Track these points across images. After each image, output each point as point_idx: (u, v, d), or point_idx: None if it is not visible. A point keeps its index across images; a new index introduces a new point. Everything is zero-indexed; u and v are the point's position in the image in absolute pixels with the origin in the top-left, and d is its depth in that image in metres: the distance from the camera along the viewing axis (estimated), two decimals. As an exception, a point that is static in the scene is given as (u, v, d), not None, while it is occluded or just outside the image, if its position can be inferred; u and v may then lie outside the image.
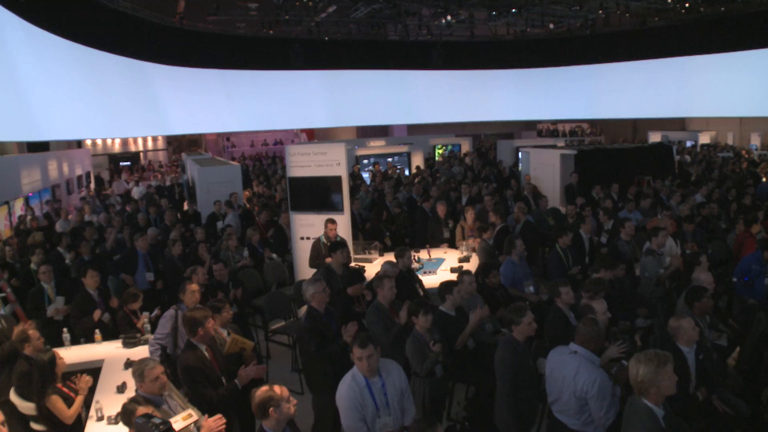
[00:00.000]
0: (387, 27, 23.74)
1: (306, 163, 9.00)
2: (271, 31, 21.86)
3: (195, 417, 4.15)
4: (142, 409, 4.13)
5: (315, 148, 9.17)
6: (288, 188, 9.40)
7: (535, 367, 4.98)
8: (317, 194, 9.09)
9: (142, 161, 30.36)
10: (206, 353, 5.00)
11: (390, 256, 8.10)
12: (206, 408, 4.67)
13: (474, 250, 8.93)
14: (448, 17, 20.54)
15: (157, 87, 19.95)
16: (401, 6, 19.96)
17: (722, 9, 20.90)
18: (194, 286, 6.20)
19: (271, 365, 7.74)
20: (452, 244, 9.77)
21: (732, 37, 21.05)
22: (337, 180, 8.89)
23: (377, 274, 6.58)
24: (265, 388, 3.83)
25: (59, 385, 5.12)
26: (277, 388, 3.82)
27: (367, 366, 4.25)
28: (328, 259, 8.05)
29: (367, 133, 29.25)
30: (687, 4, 20.28)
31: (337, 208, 8.94)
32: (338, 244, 7.40)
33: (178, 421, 4.09)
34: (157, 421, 3.77)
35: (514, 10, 20.62)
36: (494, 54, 25.48)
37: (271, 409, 3.76)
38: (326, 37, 22.67)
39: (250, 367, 4.95)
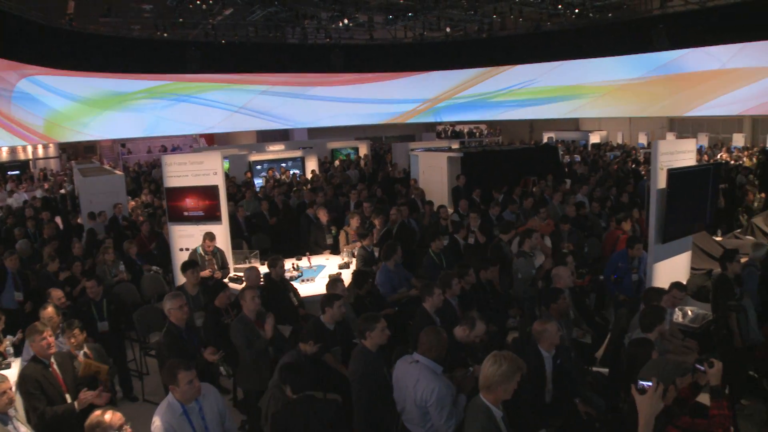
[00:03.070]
0: (285, 30, 23.57)
1: (182, 172, 8.77)
2: (165, 34, 21.31)
3: None
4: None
5: (191, 158, 8.98)
6: (165, 199, 9.17)
7: (390, 375, 4.99)
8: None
9: (32, 170, 28.86)
10: (52, 369, 4.90)
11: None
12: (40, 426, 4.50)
13: (354, 255, 8.93)
14: (346, 20, 20.55)
15: (45, 92, 19.09)
16: (298, 9, 19.83)
17: (609, 15, 21.87)
18: (48, 312, 5.91)
19: (148, 381, 7.54)
20: (335, 251, 9.74)
21: (620, 41, 22.13)
22: (214, 189, 8.73)
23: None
24: (97, 413, 3.67)
25: None
26: (108, 415, 3.65)
27: (197, 388, 4.14)
28: (206, 272, 7.95)
29: (267, 137, 28.91)
30: (577, 10, 21.05)
31: (215, 218, 8.78)
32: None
33: None
34: None
35: (411, 14, 20.86)
36: (393, 57, 25.76)
37: None
38: (223, 41, 22.30)
39: (89, 391, 4.79)
